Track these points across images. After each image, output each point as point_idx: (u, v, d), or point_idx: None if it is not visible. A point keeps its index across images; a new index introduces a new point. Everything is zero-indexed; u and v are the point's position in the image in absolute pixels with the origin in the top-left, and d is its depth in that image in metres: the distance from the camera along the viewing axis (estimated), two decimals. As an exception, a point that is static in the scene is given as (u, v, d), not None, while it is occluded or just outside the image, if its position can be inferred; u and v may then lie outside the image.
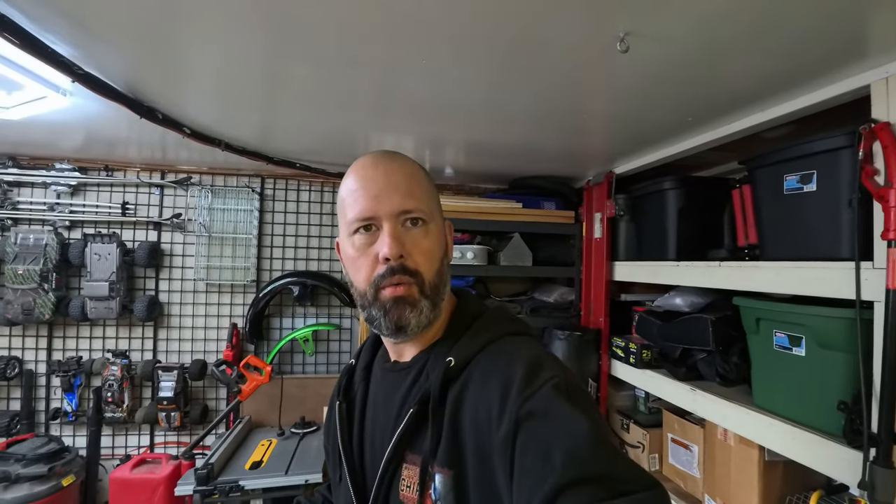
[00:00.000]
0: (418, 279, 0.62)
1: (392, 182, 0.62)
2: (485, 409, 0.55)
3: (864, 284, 1.01)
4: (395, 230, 0.61)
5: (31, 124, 1.71)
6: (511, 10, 0.85)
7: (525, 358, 0.57)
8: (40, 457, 2.00)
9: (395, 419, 0.63)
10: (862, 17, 0.86)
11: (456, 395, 0.59)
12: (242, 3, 0.86)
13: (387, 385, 0.69)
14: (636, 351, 1.81)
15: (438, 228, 0.67)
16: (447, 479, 0.55)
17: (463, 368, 0.60)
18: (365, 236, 0.62)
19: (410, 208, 0.62)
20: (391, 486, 0.60)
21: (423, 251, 0.63)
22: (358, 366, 0.77)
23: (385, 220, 0.61)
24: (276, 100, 1.44)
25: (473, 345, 0.62)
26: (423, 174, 0.68)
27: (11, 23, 0.91)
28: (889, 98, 1.00)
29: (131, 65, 1.18)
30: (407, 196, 0.62)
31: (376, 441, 0.66)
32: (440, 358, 0.62)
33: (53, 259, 2.21)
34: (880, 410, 0.97)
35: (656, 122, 1.46)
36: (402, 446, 0.60)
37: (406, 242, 0.62)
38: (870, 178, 1.01)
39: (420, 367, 0.65)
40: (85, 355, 2.36)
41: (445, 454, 0.56)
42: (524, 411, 0.51)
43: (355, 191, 0.63)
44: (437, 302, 0.64)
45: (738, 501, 1.43)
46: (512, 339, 0.63)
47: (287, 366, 2.55)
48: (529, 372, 0.54)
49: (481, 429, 0.54)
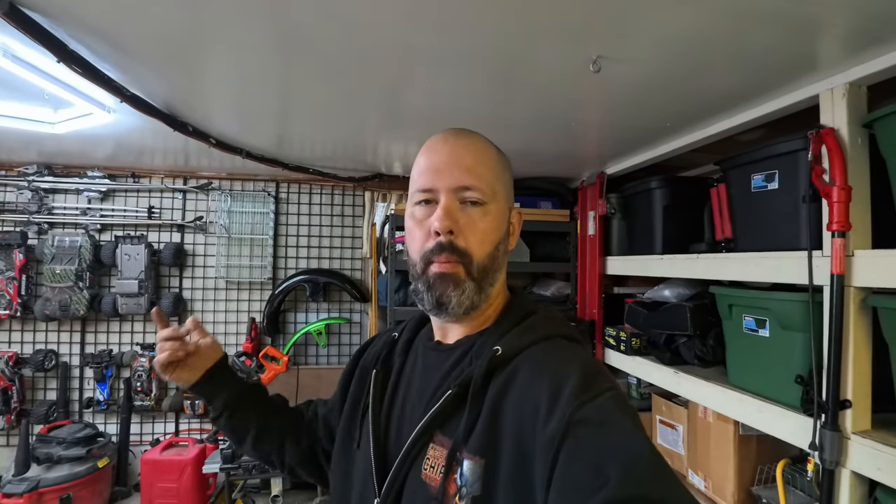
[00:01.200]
0: (466, 259, 0.60)
1: (455, 157, 0.62)
2: (531, 405, 0.53)
3: (815, 271, 1.14)
4: (451, 205, 0.60)
5: (69, 137, 1.90)
6: (499, 37, 1.00)
7: (581, 363, 0.55)
8: (79, 440, 2.18)
9: (430, 398, 0.62)
10: (810, 39, 0.99)
11: (500, 386, 0.57)
12: (263, 34, 1.02)
13: (427, 363, 0.68)
14: (626, 339, 1.95)
15: (500, 212, 0.64)
16: (477, 467, 0.53)
17: (510, 359, 0.58)
18: (424, 209, 0.62)
19: (469, 184, 0.60)
20: (414, 464, 0.59)
21: (476, 231, 0.61)
22: (401, 339, 0.75)
23: (443, 194, 0.60)
24: (292, 114, 1.60)
25: (524, 339, 0.60)
26: (495, 155, 0.66)
27: (77, 56, 1.08)
28: (834, 106, 1.14)
29: (169, 86, 1.35)
30: (467, 172, 0.61)
31: (406, 416, 0.65)
32: (487, 345, 0.60)
33: (87, 259, 2.39)
34: (828, 381, 1.10)
35: (639, 127, 1.60)
36: (433, 426, 0.59)
37: (460, 220, 0.60)
38: (819, 176, 1.14)
39: (464, 350, 0.64)
40: (115, 348, 2.55)
41: (479, 442, 0.54)
42: (578, 416, 0.48)
43: (421, 164, 0.64)
44: (485, 286, 0.62)
45: (717, 474, 1.56)
46: (565, 343, 0.61)
47: (301, 357, 2.72)
48: (586, 377, 0.52)
49: (525, 424, 0.52)
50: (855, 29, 0.94)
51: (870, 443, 1.03)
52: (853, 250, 1.08)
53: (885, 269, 1.02)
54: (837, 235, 1.08)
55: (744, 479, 1.49)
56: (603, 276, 2.22)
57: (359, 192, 2.82)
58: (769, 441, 1.44)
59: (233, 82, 1.31)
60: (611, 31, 0.95)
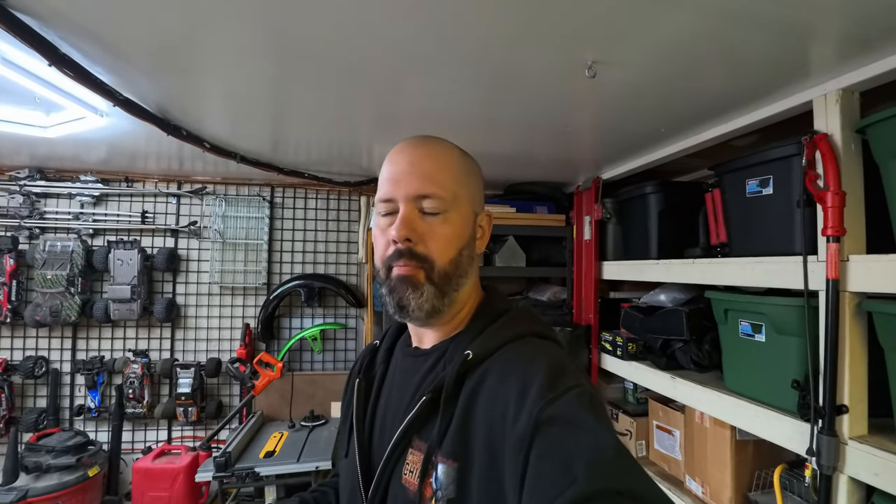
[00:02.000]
0: (427, 265, 0.61)
1: (414, 166, 0.63)
2: (500, 406, 0.54)
3: (810, 276, 1.14)
4: (409, 214, 0.61)
5: (61, 141, 1.88)
6: (494, 40, 0.99)
7: (548, 361, 0.56)
8: (68, 448, 2.14)
9: (407, 403, 0.63)
10: (803, 45, 1.00)
11: (471, 388, 0.58)
12: (256, 37, 1.01)
13: (405, 368, 0.70)
14: (623, 344, 1.94)
15: (463, 217, 0.65)
16: (451, 470, 0.54)
17: (482, 362, 0.59)
18: (386, 218, 0.64)
19: (427, 192, 0.61)
20: (395, 469, 0.60)
21: (436, 238, 0.62)
22: (381, 347, 0.77)
23: (402, 203, 0.62)
24: (285, 118, 1.60)
25: (495, 340, 0.61)
26: (457, 160, 0.66)
27: (69, 59, 1.06)
28: (827, 112, 1.14)
29: (162, 90, 1.34)
30: (426, 180, 0.62)
31: (387, 422, 0.66)
32: (459, 349, 0.61)
33: (79, 265, 2.37)
34: (825, 386, 1.10)
35: (634, 132, 1.61)
36: (411, 431, 0.60)
37: (419, 227, 0.61)
38: (813, 182, 1.14)
39: (438, 355, 0.65)
40: (107, 355, 2.51)
41: (452, 445, 0.55)
42: (545, 415, 0.49)
43: (383, 174, 0.65)
44: (448, 291, 0.63)
45: (714, 479, 1.56)
46: (535, 341, 0.61)
47: (296, 363, 2.70)
48: (552, 375, 0.53)
49: (494, 425, 0.53)
50: (848, 35, 0.95)
51: (867, 448, 1.03)
52: (848, 255, 1.08)
53: (879, 274, 1.02)
54: (832, 240, 1.09)
55: (741, 484, 1.48)
56: (599, 280, 2.22)
57: (354, 196, 2.81)
58: (766, 446, 1.43)
59: (226, 86, 1.30)
60: (606, 35, 0.95)
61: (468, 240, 0.66)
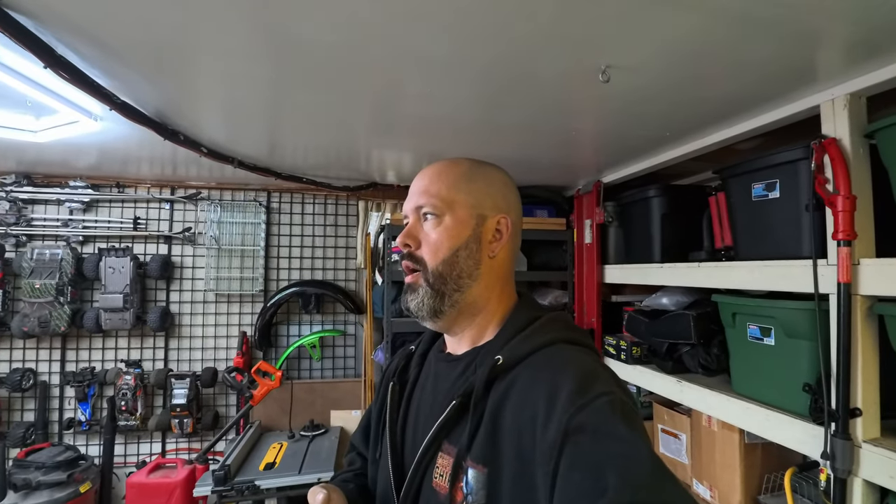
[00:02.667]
0: (422, 266, 0.67)
1: (417, 184, 0.70)
2: (529, 412, 0.54)
3: (820, 279, 1.15)
4: (412, 223, 0.70)
5: (51, 145, 1.82)
6: (510, 45, 0.98)
7: (579, 367, 0.56)
8: (59, 464, 2.07)
9: (438, 408, 0.64)
10: (810, 50, 1.00)
11: (500, 394, 0.58)
12: (256, 39, 0.98)
13: (438, 374, 0.71)
14: (627, 348, 1.94)
15: (458, 220, 0.67)
16: (481, 476, 0.55)
17: (511, 368, 0.60)
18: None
19: (421, 203, 0.68)
20: (426, 472, 0.61)
21: (428, 242, 0.67)
22: (416, 352, 0.79)
23: (410, 216, 0.70)
24: (284, 121, 1.56)
25: (525, 346, 0.61)
26: (459, 171, 0.70)
27: (66, 62, 1.03)
28: (835, 117, 1.15)
29: (161, 93, 1.30)
30: (422, 193, 0.68)
31: (419, 426, 0.68)
32: (490, 355, 0.62)
33: (69, 273, 2.30)
34: (838, 389, 1.10)
35: (638, 136, 1.61)
36: (441, 435, 0.61)
37: (418, 234, 0.68)
38: (822, 186, 1.15)
39: (469, 360, 0.67)
40: (98, 366, 2.44)
41: (481, 450, 0.56)
42: (575, 423, 0.49)
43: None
44: (445, 291, 0.66)
45: (723, 483, 1.55)
46: (566, 347, 0.61)
47: (295, 371, 2.65)
48: (582, 381, 0.53)
49: (524, 431, 0.54)
50: (856, 40, 0.95)
51: (881, 451, 1.03)
52: (859, 259, 1.09)
53: (890, 277, 1.03)
54: (843, 244, 1.09)
55: (750, 487, 1.48)
56: (601, 284, 2.21)
57: (353, 201, 2.77)
58: (774, 449, 1.43)
59: (225, 89, 1.27)
60: (620, 39, 0.94)
61: (466, 241, 0.67)
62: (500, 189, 0.72)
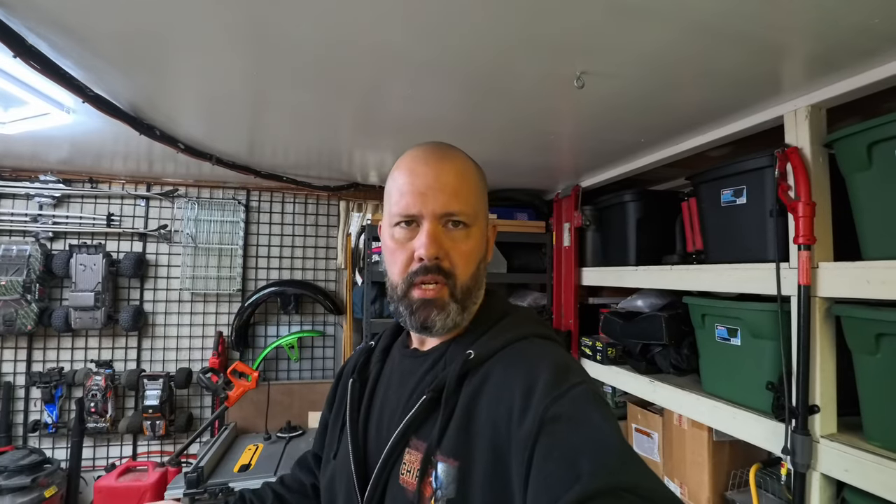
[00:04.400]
0: (451, 281, 0.62)
1: (440, 181, 0.62)
2: (505, 405, 0.54)
3: (783, 282, 1.20)
4: (436, 230, 0.61)
5: (20, 138, 1.76)
6: (487, 49, 1.00)
7: (553, 359, 0.57)
8: (22, 468, 2.00)
9: (405, 403, 0.63)
10: (775, 63, 1.05)
11: (473, 388, 0.58)
12: (236, 33, 0.98)
13: (403, 369, 0.70)
14: (603, 349, 1.98)
15: (481, 231, 0.66)
16: (451, 470, 0.54)
17: (483, 362, 0.60)
18: (406, 230, 0.63)
19: (455, 210, 0.61)
20: (393, 469, 0.60)
21: (461, 253, 0.62)
22: (377, 347, 0.77)
23: (427, 219, 0.61)
24: (264, 119, 1.55)
25: (498, 341, 0.61)
26: (475, 173, 0.67)
27: (37, 51, 1.00)
28: (797, 127, 1.21)
29: (136, 87, 1.28)
30: (453, 197, 0.62)
31: (384, 422, 0.66)
32: (461, 349, 0.62)
33: (37, 270, 2.22)
34: (798, 387, 1.15)
35: (614, 141, 1.65)
36: (410, 431, 0.60)
37: (445, 243, 0.61)
38: (785, 192, 1.20)
39: (438, 355, 0.65)
40: (67, 366, 2.36)
41: (453, 444, 0.55)
42: (551, 413, 0.50)
43: (402, 185, 0.63)
44: (468, 305, 0.64)
45: (692, 480, 1.60)
46: (538, 342, 0.62)
47: (272, 372, 2.61)
48: (557, 373, 0.54)
49: (499, 424, 0.54)
50: (817, 55, 1.00)
51: (837, 445, 1.08)
52: (818, 262, 1.14)
53: (846, 280, 1.08)
54: (803, 248, 1.14)
55: (718, 484, 1.52)
56: (578, 286, 2.25)
57: (333, 201, 2.76)
58: (741, 446, 1.48)
59: (203, 84, 1.25)
60: (594, 46, 0.97)
61: (484, 253, 0.68)
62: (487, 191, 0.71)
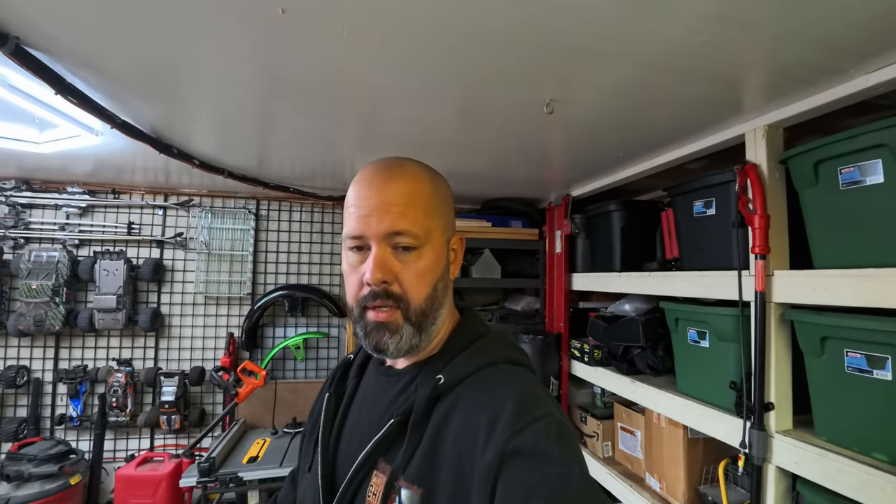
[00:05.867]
0: (403, 304, 0.60)
1: (385, 201, 0.60)
2: (470, 435, 0.54)
3: (744, 288, 1.29)
4: (382, 254, 0.59)
5: (51, 156, 1.93)
6: (464, 79, 1.12)
7: (519, 389, 0.56)
8: (50, 457, 2.16)
9: (375, 424, 0.62)
10: (733, 90, 1.16)
11: (441, 415, 0.57)
12: (242, 72, 1.12)
13: (376, 388, 0.69)
14: (589, 351, 2.08)
15: (436, 249, 0.63)
16: (415, 497, 0.54)
17: (453, 387, 0.59)
18: (356, 255, 0.61)
19: (401, 230, 0.59)
20: (358, 491, 0.59)
21: (412, 275, 0.60)
22: (355, 362, 0.76)
23: (374, 242, 0.59)
24: (271, 140, 1.71)
25: (468, 366, 0.60)
26: (427, 189, 0.64)
27: (74, 88, 1.16)
28: (756, 144, 1.31)
29: (157, 113, 1.44)
30: (399, 217, 0.59)
31: (353, 441, 0.65)
32: (431, 374, 0.61)
33: (64, 274, 2.40)
34: (755, 387, 1.24)
35: (596, 157, 1.76)
36: (377, 453, 0.59)
37: (394, 266, 0.59)
38: (745, 205, 1.30)
39: (411, 377, 0.64)
40: (90, 364, 2.54)
41: (418, 471, 0.55)
42: (511, 446, 0.50)
43: (351, 206, 0.62)
44: (425, 326, 0.62)
45: (669, 475, 1.69)
46: (508, 368, 0.61)
47: (279, 371, 2.76)
48: (521, 405, 0.53)
49: (464, 454, 0.53)
50: (767, 84, 1.11)
51: (790, 440, 1.17)
52: (773, 270, 1.24)
53: (798, 287, 1.17)
54: (759, 258, 1.24)
55: (693, 479, 1.61)
56: (569, 291, 2.36)
57: (338, 209, 2.91)
58: (714, 443, 1.57)
59: (216, 111, 1.40)
60: (558, 79, 1.09)
61: (443, 271, 0.65)
62: (452, 205, 0.70)
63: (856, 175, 1.06)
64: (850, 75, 1.04)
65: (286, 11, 0.83)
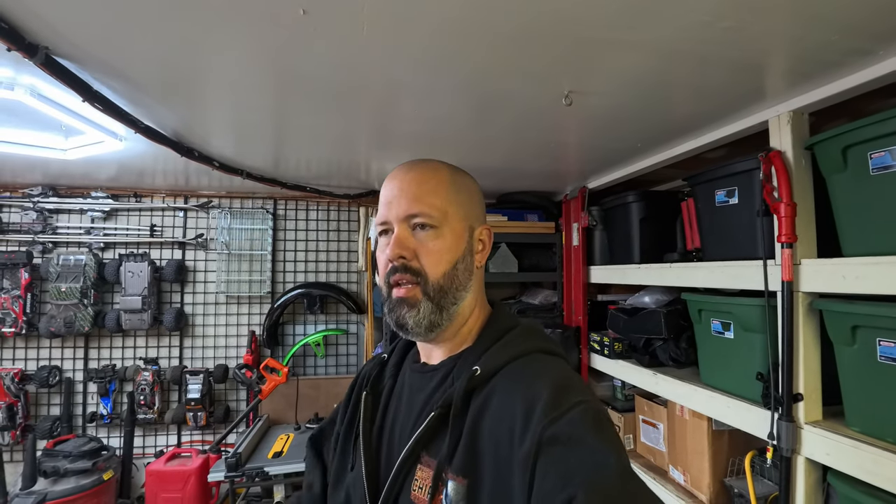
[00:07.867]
0: (422, 279, 0.63)
1: (403, 189, 0.66)
2: (507, 424, 0.55)
3: (769, 278, 1.27)
4: (401, 233, 0.64)
5: (76, 161, 1.99)
6: (482, 73, 1.12)
7: (553, 377, 0.57)
8: (84, 454, 2.24)
9: (415, 419, 0.64)
10: (756, 77, 1.13)
11: (479, 405, 0.59)
12: (260, 75, 1.14)
13: (413, 384, 0.70)
14: (609, 343, 2.07)
15: (454, 232, 0.66)
16: (460, 488, 0.55)
17: (489, 378, 0.60)
18: (384, 239, 0.67)
19: (416, 212, 0.64)
20: (404, 485, 0.60)
21: (429, 252, 0.64)
22: (390, 362, 0.78)
23: (395, 224, 0.65)
24: (287, 140, 1.73)
25: (502, 356, 0.62)
26: (447, 179, 0.68)
27: (100, 95, 1.19)
28: (780, 131, 1.28)
29: (178, 118, 1.46)
30: (414, 200, 0.64)
31: (395, 437, 0.67)
32: (467, 365, 0.63)
33: (91, 277, 2.48)
34: (783, 377, 1.22)
35: (614, 148, 1.74)
36: (419, 447, 0.61)
37: (411, 243, 0.64)
38: (769, 193, 1.27)
39: (447, 371, 0.66)
40: (119, 363, 2.62)
41: (461, 462, 0.56)
42: (549, 434, 0.50)
43: (380, 198, 0.70)
44: (445, 304, 0.65)
45: (693, 468, 1.67)
46: (542, 357, 0.63)
47: (300, 368, 2.81)
48: (557, 392, 0.54)
49: (501, 442, 0.54)
50: (790, 69, 1.08)
51: (820, 431, 1.15)
52: (800, 259, 1.21)
53: (826, 276, 1.15)
54: (786, 246, 1.21)
55: (718, 471, 1.60)
56: (587, 284, 2.34)
57: (353, 208, 2.93)
58: (740, 435, 1.55)
59: (234, 114, 1.43)
60: (577, 69, 1.08)
61: (463, 253, 0.67)
62: (479, 199, 0.73)
63: (887, 160, 1.03)
64: (881, 56, 1.01)
65: (307, 12, 0.84)
